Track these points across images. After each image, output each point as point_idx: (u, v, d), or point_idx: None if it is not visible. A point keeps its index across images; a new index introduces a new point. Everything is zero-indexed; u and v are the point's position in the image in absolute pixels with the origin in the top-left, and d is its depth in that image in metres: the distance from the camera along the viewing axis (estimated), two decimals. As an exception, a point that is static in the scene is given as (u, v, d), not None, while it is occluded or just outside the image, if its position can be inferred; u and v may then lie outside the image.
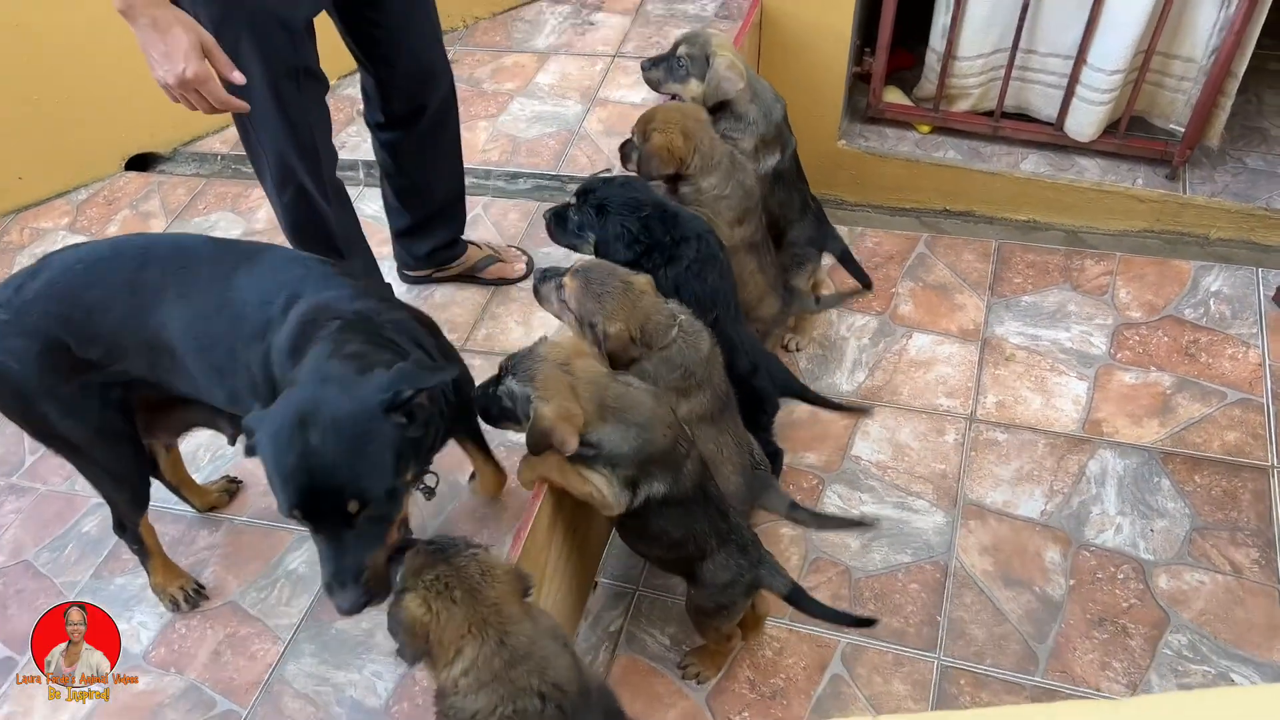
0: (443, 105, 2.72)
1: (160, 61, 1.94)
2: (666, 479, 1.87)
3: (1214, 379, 2.64)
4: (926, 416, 2.65)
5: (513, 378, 1.80)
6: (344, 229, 2.65)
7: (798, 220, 2.61)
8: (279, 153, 2.39)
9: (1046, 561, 2.35)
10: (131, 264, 1.95)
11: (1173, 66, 2.84)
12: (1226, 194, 2.92)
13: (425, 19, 2.55)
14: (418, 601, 1.50)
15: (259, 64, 2.19)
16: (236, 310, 1.90)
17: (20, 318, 1.93)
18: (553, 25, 4.13)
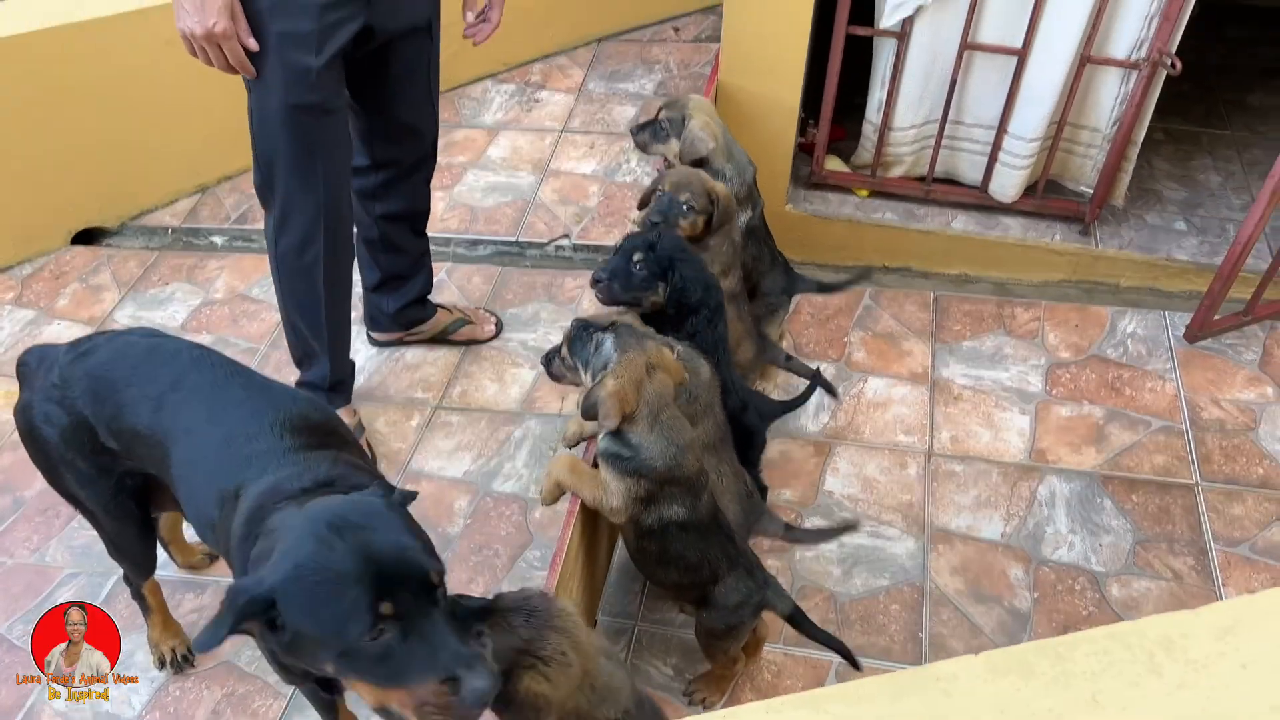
0: (418, 162, 2.80)
1: (192, 12, 2.04)
2: (687, 504, 2.01)
3: (1139, 409, 2.93)
4: (889, 452, 2.86)
5: (613, 338, 1.93)
6: (333, 277, 2.65)
7: (769, 272, 2.84)
8: (286, 186, 2.44)
9: (1011, 578, 2.56)
10: (167, 377, 1.91)
11: (1081, 135, 3.19)
12: (1132, 247, 3.27)
13: (427, 85, 2.64)
14: (539, 680, 1.54)
15: (280, 93, 2.27)
16: (210, 476, 1.82)
17: (64, 389, 1.94)
18: (499, 102, 4.32)
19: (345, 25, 2.27)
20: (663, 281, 2.26)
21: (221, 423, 1.83)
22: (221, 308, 3.54)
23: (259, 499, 1.67)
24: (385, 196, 2.83)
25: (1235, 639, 0.92)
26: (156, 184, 3.96)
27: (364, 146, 2.72)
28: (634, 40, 4.60)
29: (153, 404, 1.87)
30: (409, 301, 3.13)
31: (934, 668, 1.10)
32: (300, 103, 2.30)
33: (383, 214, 2.88)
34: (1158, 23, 2.82)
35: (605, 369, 1.94)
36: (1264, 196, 2.65)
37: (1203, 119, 3.74)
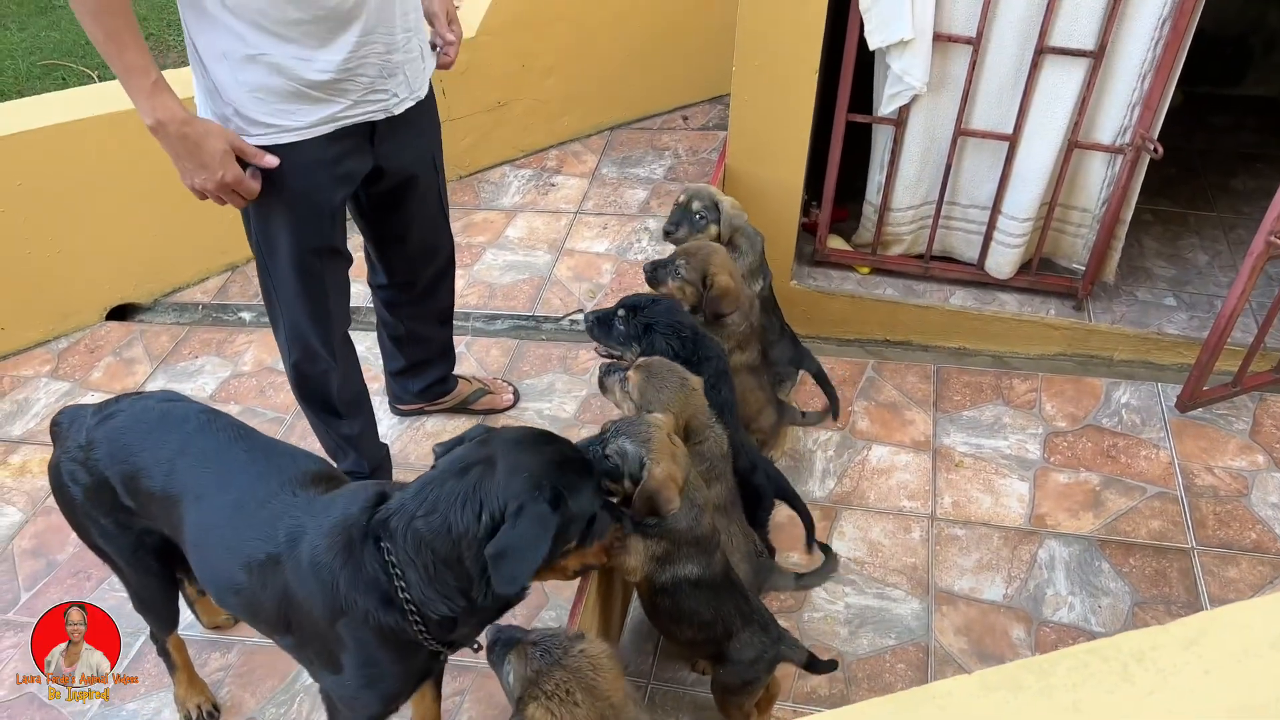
0: (440, 272, 2.94)
1: (196, 171, 2.13)
2: (701, 562, 2.11)
3: (1134, 476, 3.03)
4: (893, 517, 2.96)
5: (626, 439, 2.00)
6: (347, 390, 2.81)
7: (777, 341, 2.98)
8: (293, 320, 2.58)
9: (1013, 638, 2.63)
10: (176, 442, 2.00)
11: (1071, 215, 3.36)
12: (1124, 321, 3.41)
13: (439, 208, 2.78)
14: (542, 711, 1.60)
15: (289, 241, 2.39)
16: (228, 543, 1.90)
17: (88, 450, 2.05)
18: (516, 186, 4.54)
19: (355, 171, 2.41)
20: (638, 344, 2.39)
21: (230, 488, 1.92)
22: (249, 380, 3.68)
23: (333, 536, 1.75)
24: (409, 305, 2.98)
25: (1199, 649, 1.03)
26: (188, 263, 4.15)
27: (383, 266, 2.86)
28: (645, 128, 4.83)
29: (164, 468, 1.97)
30: (433, 382, 3.27)
31: (931, 687, 1.20)
32: (312, 248, 2.42)
33: (408, 316, 3.02)
34: (1139, 110, 3.00)
35: (642, 464, 2.00)
36: (1244, 272, 2.79)
37: (1189, 201, 3.92)
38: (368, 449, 2.97)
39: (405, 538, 1.67)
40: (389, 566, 1.69)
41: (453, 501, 1.65)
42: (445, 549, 1.65)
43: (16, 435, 3.50)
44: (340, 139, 2.30)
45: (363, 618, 1.73)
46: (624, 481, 2.01)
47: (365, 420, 2.95)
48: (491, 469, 1.66)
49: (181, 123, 2.09)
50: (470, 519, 1.64)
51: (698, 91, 4.92)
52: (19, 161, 3.58)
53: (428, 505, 1.67)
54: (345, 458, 2.93)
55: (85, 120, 3.65)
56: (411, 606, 1.71)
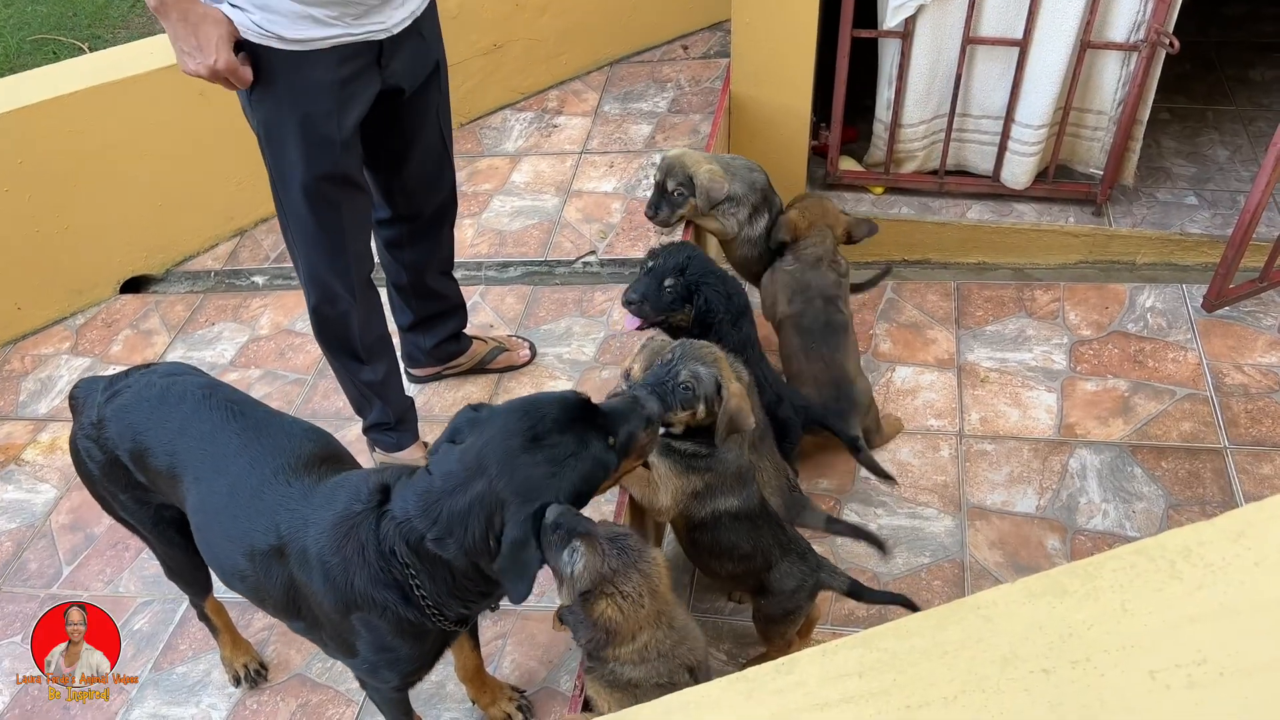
0: (440, 209, 2.88)
1: (192, 54, 2.10)
2: (740, 494, 2.11)
3: (1162, 380, 3.00)
4: (921, 437, 2.95)
5: (696, 363, 1.98)
6: (368, 333, 2.77)
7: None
8: (310, 258, 2.54)
9: (1048, 548, 2.63)
10: (176, 422, 1.98)
11: (1087, 119, 3.28)
12: (1145, 224, 3.35)
13: (440, 132, 2.70)
14: (613, 608, 1.66)
15: (301, 168, 2.35)
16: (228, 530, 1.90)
17: (99, 426, 2.05)
18: (519, 130, 4.47)
19: (363, 94, 2.35)
20: (689, 303, 2.38)
21: (224, 472, 1.91)
22: (267, 343, 3.68)
23: (337, 535, 1.73)
24: (410, 245, 2.91)
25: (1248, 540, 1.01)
26: (197, 231, 4.13)
27: (384, 200, 2.80)
28: (645, 61, 4.74)
29: (167, 448, 1.97)
30: (445, 337, 3.22)
31: (974, 598, 1.19)
32: (324, 174, 2.37)
33: (409, 262, 2.96)
34: (1154, 4, 2.91)
35: (719, 387, 2.00)
36: (1268, 164, 2.73)
37: (1206, 96, 3.82)
38: (392, 397, 2.95)
39: (419, 554, 1.68)
40: (404, 569, 1.70)
41: (462, 527, 1.63)
42: (464, 567, 1.67)
43: (43, 413, 3.52)
44: (348, 59, 2.26)
45: (381, 612, 1.74)
46: (698, 406, 1.99)
47: (388, 366, 2.91)
48: (488, 490, 1.63)
49: (183, 3, 2.06)
50: (483, 543, 1.63)
51: (697, 19, 4.81)
52: (19, 138, 3.55)
53: (439, 527, 1.65)
54: (370, 407, 2.92)
55: (82, 92, 3.61)
56: (429, 603, 1.73)
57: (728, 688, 1.29)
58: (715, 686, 1.28)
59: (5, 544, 3.04)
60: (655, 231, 3.80)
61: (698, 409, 2.01)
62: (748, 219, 2.79)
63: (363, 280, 2.70)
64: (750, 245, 2.84)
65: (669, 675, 1.69)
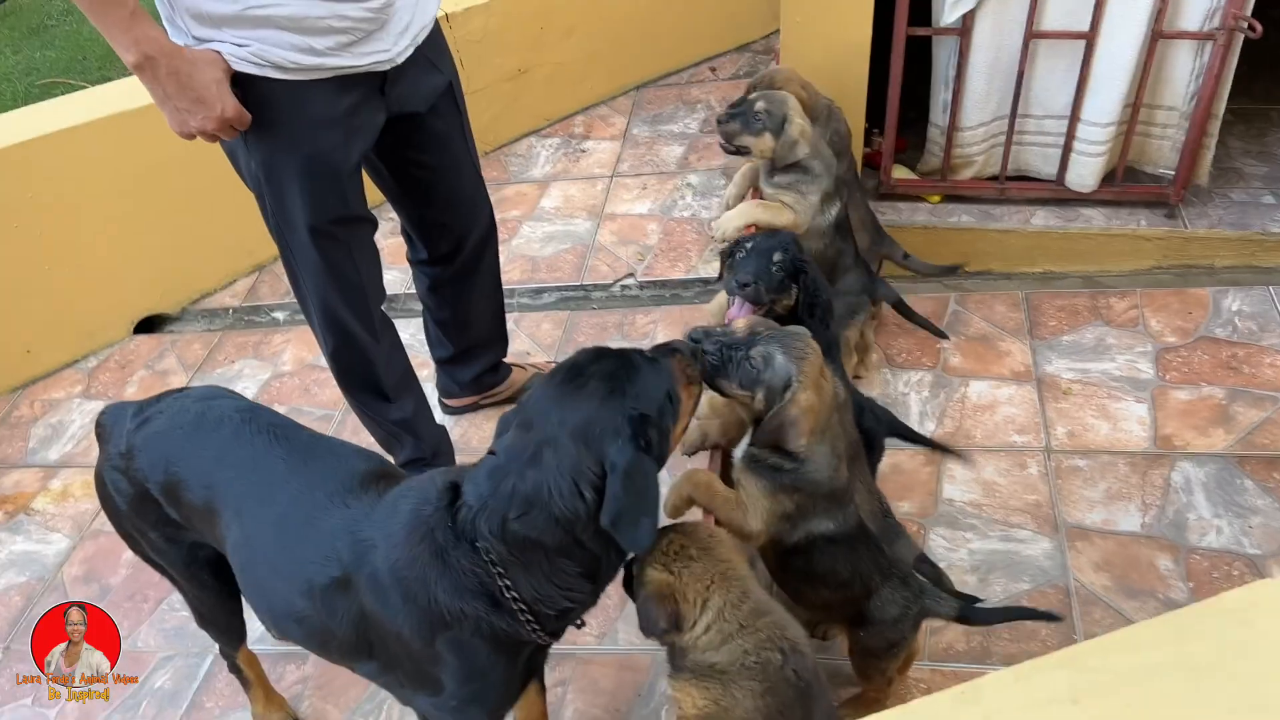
0: (484, 237, 2.69)
1: (191, 109, 1.89)
2: (836, 516, 1.88)
3: (1262, 386, 2.78)
4: (1004, 454, 2.72)
5: (778, 347, 1.74)
6: (392, 372, 2.60)
7: (852, 268, 2.75)
8: (323, 298, 2.37)
9: (1161, 569, 2.40)
10: (213, 450, 1.79)
11: (1157, 116, 3.11)
12: (1223, 225, 3.16)
13: (466, 152, 2.53)
14: (658, 568, 1.56)
15: (306, 210, 2.17)
16: (279, 566, 1.70)
17: (128, 458, 1.85)
18: (545, 156, 4.31)
19: (369, 124, 2.18)
20: (795, 284, 2.18)
21: (272, 502, 1.71)
22: (291, 379, 3.48)
23: (412, 545, 1.55)
24: (454, 283, 2.73)
25: None
26: (213, 267, 3.96)
27: (421, 239, 2.63)
28: (672, 84, 4.60)
29: (203, 480, 1.78)
30: (485, 369, 3.02)
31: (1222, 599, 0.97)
32: (334, 216, 2.21)
33: (453, 297, 2.78)
34: (1230, -12, 2.76)
35: (788, 385, 1.75)
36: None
37: (1268, 95, 3.65)
38: (425, 431, 2.75)
39: (506, 540, 1.49)
40: (491, 567, 1.50)
41: (545, 492, 1.47)
42: (561, 541, 1.49)
43: (54, 460, 3.31)
44: (349, 89, 2.08)
45: (473, 627, 1.53)
46: (756, 392, 1.75)
47: (416, 400, 2.73)
48: (559, 440, 1.48)
49: (170, 55, 1.85)
50: (575, 501, 1.46)
51: (723, 41, 4.68)
52: (25, 173, 3.39)
53: (519, 502, 1.48)
54: (402, 447, 2.71)
55: (90, 124, 3.45)
56: (522, 605, 1.53)
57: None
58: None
59: (15, 599, 2.81)
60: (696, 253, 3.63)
61: (756, 394, 1.76)
62: (819, 203, 2.59)
63: (380, 315, 2.52)
64: (819, 237, 2.63)
65: (756, 654, 1.52)
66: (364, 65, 2.06)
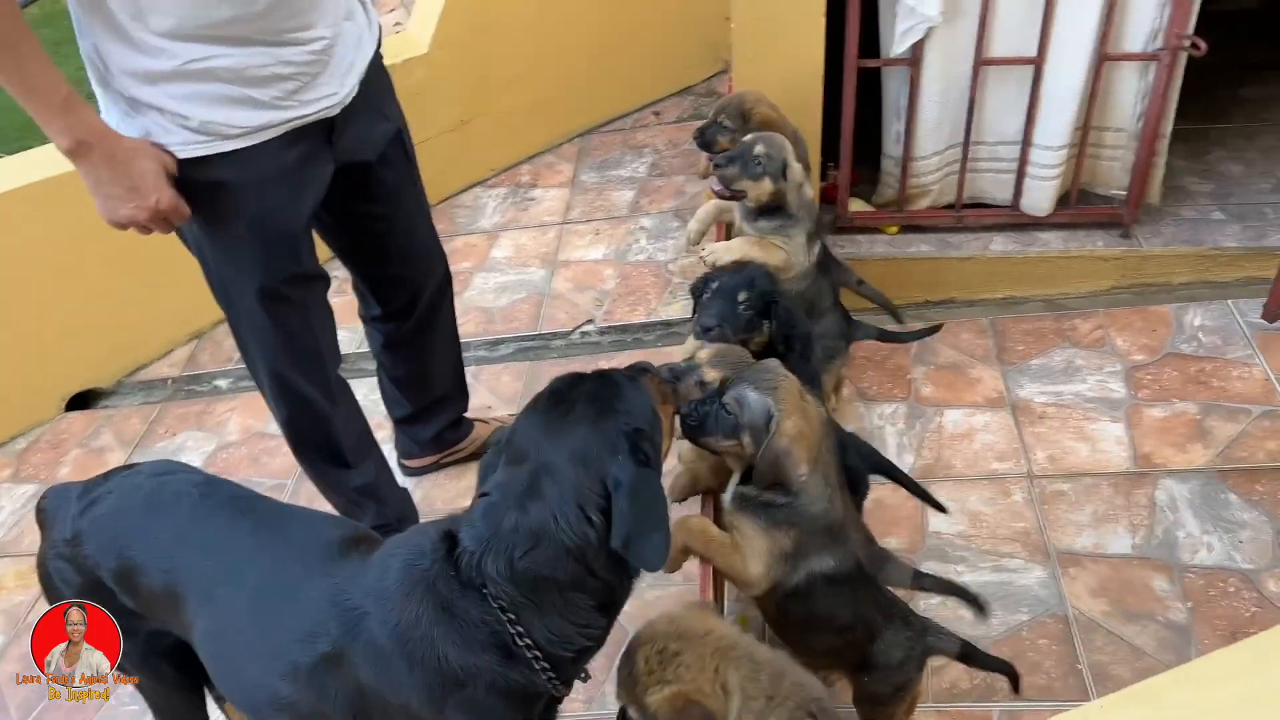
0: (439, 288, 2.60)
1: (125, 198, 1.80)
2: (836, 553, 1.79)
3: (1233, 399, 2.78)
4: (987, 482, 2.67)
5: (748, 386, 1.67)
6: (350, 436, 2.48)
7: (830, 311, 2.69)
8: (273, 365, 2.25)
9: (1157, 591, 2.35)
10: (171, 530, 1.66)
11: (1106, 138, 3.13)
12: (1178, 242, 3.18)
13: (418, 202, 2.45)
14: (656, 688, 1.41)
15: (256, 272, 2.06)
16: (258, 649, 1.57)
17: (75, 545, 1.70)
18: (493, 207, 4.23)
19: (318, 177, 2.09)
20: (766, 319, 2.10)
21: (243, 582, 1.58)
22: (238, 449, 3.31)
23: (410, 603, 1.44)
24: (411, 340, 2.62)
25: None
26: (148, 337, 3.79)
27: (374, 295, 2.53)
28: (617, 130, 4.57)
29: (163, 564, 1.64)
30: (445, 425, 2.90)
31: None
32: (285, 277, 2.10)
33: (410, 355, 2.67)
34: (1172, 9, 2.79)
35: (769, 418, 1.68)
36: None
37: (1205, 116, 3.71)
38: (388, 495, 2.63)
39: (515, 581, 1.41)
40: (501, 614, 1.40)
41: (551, 522, 1.41)
42: (573, 573, 1.42)
43: (-17, 549, 3.09)
44: (296, 141, 1.98)
45: (487, 685, 1.41)
46: (741, 437, 1.67)
47: (377, 464, 2.61)
48: (556, 467, 1.43)
49: (107, 139, 1.78)
50: (583, 527, 1.40)
51: (665, 86, 4.67)
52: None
53: (524, 538, 1.41)
54: (364, 514, 2.57)
55: (11, 193, 3.28)
56: (536, 652, 1.44)
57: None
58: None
59: (-58, 705, 2.58)
60: (655, 296, 3.56)
61: (743, 439, 1.69)
62: (805, 244, 2.54)
63: (337, 378, 2.40)
64: (802, 278, 2.57)
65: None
66: (313, 113, 1.97)
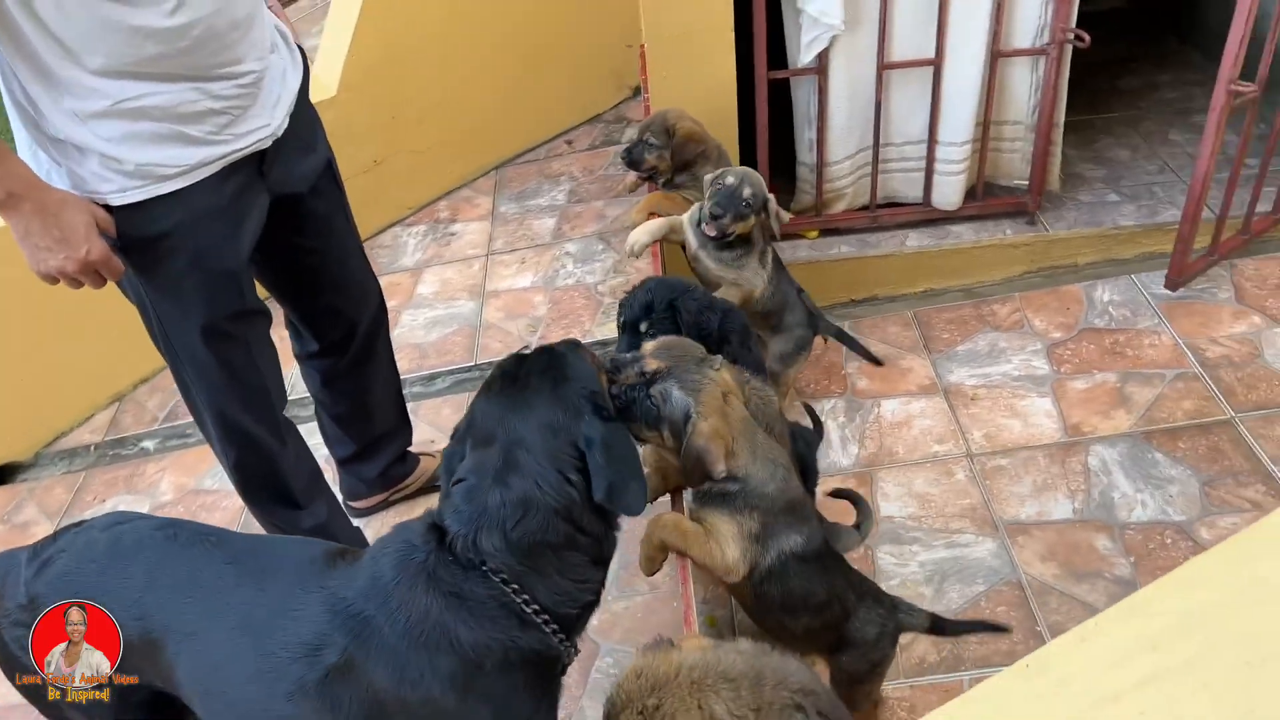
0: (376, 319, 2.58)
1: (54, 249, 1.77)
2: (803, 530, 1.84)
3: (1148, 366, 2.94)
4: (930, 465, 2.76)
5: (675, 384, 1.72)
6: (300, 477, 2.45)
7: (796, 303, 2.78)
8: (220, 406, 2.21)
9: (1102, 550, 2.46)
10: (139, 576, 1.60)
11: (1005, 131, 3.30)
12: (1080, 225, 3.36)
13: (350, 233, 2.44)
14: None
15: (200, 315, 2.04)
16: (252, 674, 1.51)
17: (32, 609, 1.62)
18: (413, 244, 4.21)
19: (254, 209, 2.08)
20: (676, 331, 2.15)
21: (227, 611, 1.55)
22: (174, 509, 3.21)
23: (412, 596, 1.46)
24: (349, 374, 2.59)
25: None
26: (66, 403, 3.65)
27: (310, 330, 2.49)
28: (531, 161, 4.61)
29: (133, 612, 1.58)
30: (391, 460, 2.87)
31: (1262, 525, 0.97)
32: (228, 313, 2.08)
33: (349, 390, 2.63)
34: (1055, 6, 2.97)
35: (688, 417, 1.73)
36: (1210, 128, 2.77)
37: (1088, 107, 3.94)
38: (343, 535, 2.59)
39: (513, 551, 1.47)
40: (505, 586, 1.47)
41: (535, 489, 1.48)
42: (563, 533, 1.50)
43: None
44: (231, 175, 1.97)
45: (502, 657, 1.44)
46: (662, 430, 1.74)
47: (329, 504, 2.58)
48: (526, 438, 1.51)
49: (37, 189, 1.75)
50: (565, 488, 1.50)
51: (575, 115, 4.73)
52: None
53: (512, 510, 1.47)
54: None
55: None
56: (544, 616, 1.50)
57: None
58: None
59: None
60: (588, 318, 3.60)
61: (663, 432, 1.75)
62: (761, 263, 2.63)
63: (284, 418, 2.37)
64: (770, 287, 2.66)
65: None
66: (246, 146, 1.96)
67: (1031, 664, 1.07)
